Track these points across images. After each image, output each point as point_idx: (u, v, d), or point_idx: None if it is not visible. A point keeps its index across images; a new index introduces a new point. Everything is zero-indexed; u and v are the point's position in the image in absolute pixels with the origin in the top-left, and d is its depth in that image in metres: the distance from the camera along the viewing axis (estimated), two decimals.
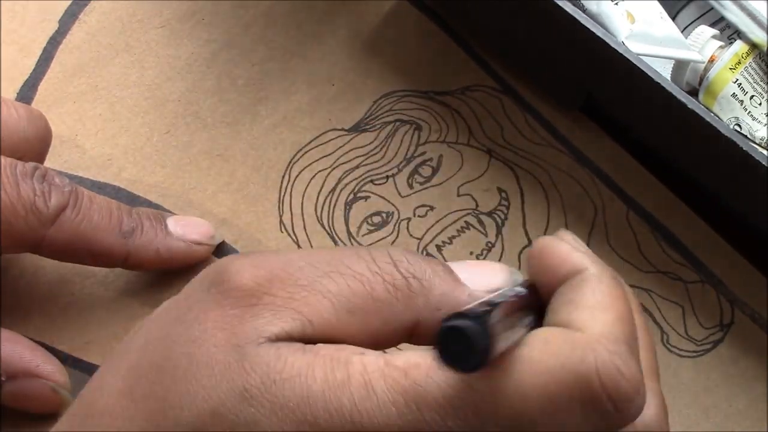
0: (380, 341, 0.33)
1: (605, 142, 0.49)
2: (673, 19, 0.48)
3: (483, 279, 0.35)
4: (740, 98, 0.46)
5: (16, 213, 0.39)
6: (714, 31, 0.47)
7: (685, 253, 0.47)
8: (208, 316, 0.32)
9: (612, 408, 0.30)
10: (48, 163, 0.44)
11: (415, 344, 0.34)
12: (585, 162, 0.48)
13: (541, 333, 0.31)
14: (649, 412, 0.33)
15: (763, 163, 0.41)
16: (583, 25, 0.43)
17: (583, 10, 0.45)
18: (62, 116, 0.48)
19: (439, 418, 0.30)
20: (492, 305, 0.29)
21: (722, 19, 0.48)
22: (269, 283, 0.32)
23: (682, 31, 0.47)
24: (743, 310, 0.47)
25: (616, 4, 0.45)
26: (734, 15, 0.46)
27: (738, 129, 0.46)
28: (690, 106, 0.42)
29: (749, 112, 0.46)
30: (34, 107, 0.46)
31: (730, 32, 0.48)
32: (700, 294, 0.47)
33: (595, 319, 0.32)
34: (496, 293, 0.32)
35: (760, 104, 0.46)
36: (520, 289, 0.33)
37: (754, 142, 0.45)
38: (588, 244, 0.47)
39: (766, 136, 0.45)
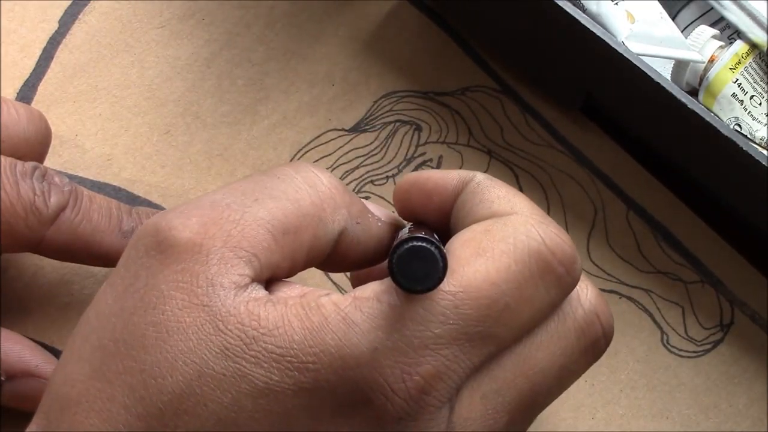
0: (312, 256, 0.34)
1: (605, 142, 0.49)
2: (673, 19, 0.48)
3: (378, 211, 0.37)
4: (740, 98, 0.46)
5: (15, 213, 0.39)
6: (714, 31, 0.47)
7: (685, 253, 0.47)
8: (157, 280, 0.32)
9: (563, 271, 0.33)
10: (48, 163, 0.44)
11: (334, 262, 0.36)
12: (585, 162, 0.48)
13: (478, 226, 0.34)
14: (590, 291, 0.35)
15: (763, 163, 0.41)
16: (583, 25, 0.43)
17: (583, 10, 0.45)
18: (62, 116, 0.48)
19: (424, 328, 0.31)
20: (417, 230, 0.31)
21: (722, 19, 0.48)
22: (204, 228, 0.32)
23: (682, 31, 0.47)
24: (743, 310, 0.47)
25: (616, 4, 0.45)
26: (734, 15, 0.46)
27: (738, 129, 0.46)
28: (690, 106, 0.42)
29: (749, 112, 0.46)
30: (34, 107, 0.46)
31: (730, 32, 0.48)
32: (700, 294, 0.47)
33: (515, 204, 0.34)
34: (409, 226, 0.35)
35: (760, 104, 0.46)
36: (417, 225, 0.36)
37: (754, 142, 0.45)
38: (588, 244, 0.47)
39: (766, 136, 0.45)
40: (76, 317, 0.44)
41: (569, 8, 0.43)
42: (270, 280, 0.33)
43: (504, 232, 0.33)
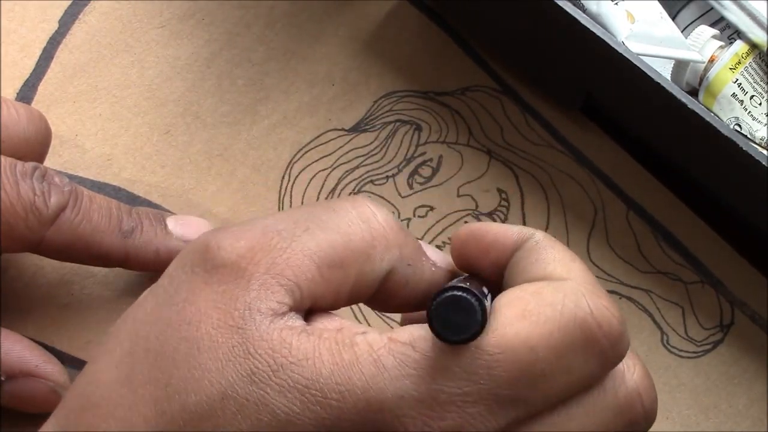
0: (357, 292, 0.34)
1: (605, 142, 0.49)
2: (673, 19, 0.48)
3: (437, 256, 0.37)
4: (740, 98, 0.46)
5: (15, 213, 0.38)
6: (714, 31, 0.47)
7: (685, 253, 0.47)
8: (197, 297, 0.32)
9: (608, 345, 0.32)
10: (48, 163, 0.44)
11: (381, 301, 0.35)
12: (585, 162, 0.48)
13: (528, 288, 0.33)
14: (637, 370, 0.34)
15: (763, 163, 0.41)
16: (583, 25, 0.43)
17: (583, 10, 0.45)
18: (62, 116, 0.48)
19: (453, 384, 0.30)
20: (468, 280, 0.30)
21: (722, 19, 0.48)
22: (251, 252, 0.32)
23: (682, 31, 0.47)
24: (743, 310, 0.47)
25: (616, 4, 0.45)
26: (734, 15, 0.46)
27: (738, 129, 0.46)
28: (690, 106, 0.42)
29: (749, 112, 0.46)
30: (34, 107, 0.46)
31: (730, 32, 0.48)
32: (700, 294, 0.47)
33: (571, 269, 0.34)
34: (462, 277, 0.34)
35: (760, 104, 0.46)
36: (476, 279, 0.35)
37: (754, 142, 0.45)
38: (588, 244, 0.47)
39: (766, 136, 0.45)
40: (76, 317, 0.44)
41: (569, 8, 0.43)
42: (311, 311, 0.33)
43: (554, 297, 0.32)
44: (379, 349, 0.31)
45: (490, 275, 0.36)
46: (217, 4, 0.50)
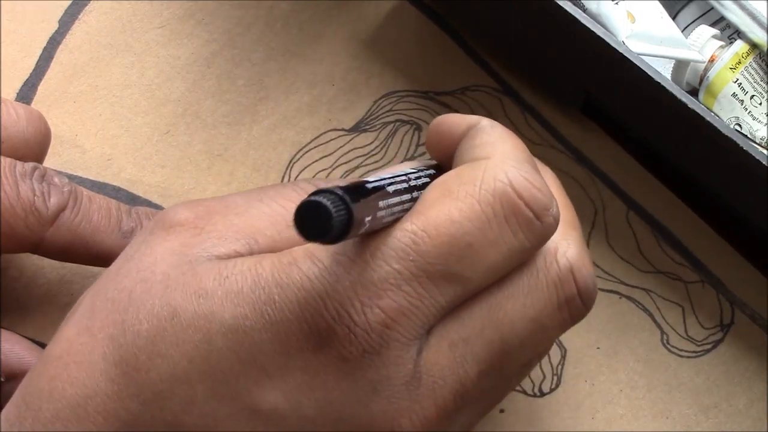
0: None
1: (605, 142, 0.49)
2: (673, 19, 0.48)
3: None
4: (740, 98, 0.46)
5: (15, 213, 0.39)
6: (714, 31, 0.47)
7: (685, 253, 0.47)
8: (153, 249, 0.34)
9: (533, 215, 0.33)
10: (48, 163, 0.44)
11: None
12: (585, 162, 0.48)
13: (452, 171, 0.34)
14: (571, 249, 0.35)
15: (764, 162, 0.41)
16: (584, 25, 0.43)
17: (584, 9, 0.45)
18: (62, 116, 0.48)
19: (383, 263, 0.31)
20: (360, 182, 0.31)
21: (722, 18, 0.48)
22: (208, 215, 0.34)
23: (682, 31, 0.47)
24: (743, 310, 0.47)
25: (617, 3, 0.45)
26: (734, 15, 0.46)
27: (738, 129, 0.46)
28: (690, 105, 0.42)
29: (749, 111, 0.46)
30: (34, 107, 0.46)
31: (730, 32, 0.48)
32: (700, 294, 0.47)
33: (496, 148, 0.34)
34: (378, 173, 0.35)
35: (761, 104, 0.46)
36: (422, 170, 0.36)
37: (755, 142, 0.45)
38: (588, 244, 0.47)
39: (766, 136, 0.45)
40: None
41: (569, 8, 0.43)
42: None
43: (473, 174, 0.33)
44: (314, 249, 0.32)
45: (446, 164, 0.37)
46: (217, 4, 0.50)
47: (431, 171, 0.37)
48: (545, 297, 0.34)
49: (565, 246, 0.35)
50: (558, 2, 0.43)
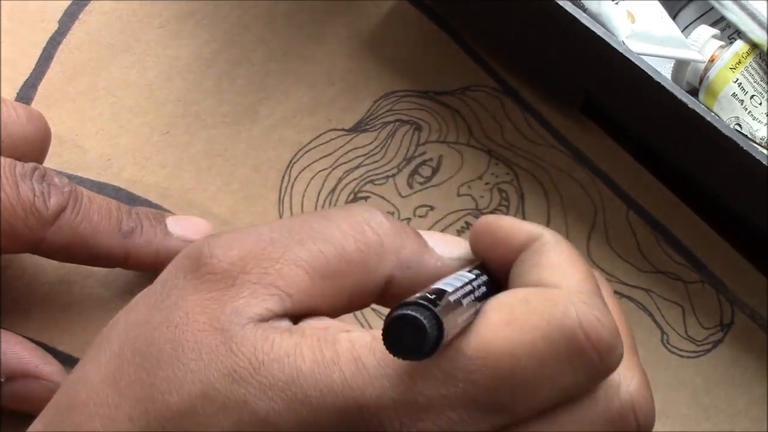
0: (355, 301, 0.34)
1: (605, 142, 0.49)
2: (674, 18, 0.48)
3: (447, 248, 0.36)
4: (740, 98, 0.46)
5: (15, 214, 0.38)
6: (714, 31, 0.47)
7: (685, 253, 0.47)
8: (187, 301, 0.32)
9: (597, 358, 0.31)
10: (48, 163, 0.44)
11: (387, 303, 0.34)
12: (585, 162, 0.48)
13: (519, 294, 0.32)
14: (633, 383, 0.33)
15: (764, 162, 0.41)
16: (584, 25, 0.43)
17: (584, 9, 0.45)
18: (62, 116, 0.48)
19: (432, 386, 0.30)
20: (440, 292, 0.30)
21: (722, 18, 0.48)
22: (242, 261, 0.32)
23: (682, 31, 0.47)
24: (743, 310, 0.47)
25: (617, 3, 0.45)
26: (734, 15, 0.46)
27: (738, 128, 0.46)
28: (690, 105, 0.42)
29: (749, 111, 0.46)
30: (34, 107, 0.46)
31: (730, 32, 0.48)
32: (700, 294, 0.47)
33: (566, 276, 0.33)
34: (447, 278, 0.33)
35: (761, 104, 0.46)
36: (480, 276, 0.34)
37: (755, 142, 0.45)
38: (588, 244, 0.47)
39: (766, 136, 0.45)
40: (76, 317, 0.44)
41: (569, 8, 0.43)
42: (305, 316, 0.33)
43: (542, 305, 0.31)
44: (360, 348, 0.30)
45: (499, 270, 0.35)
46: (217, 5, 0.50)
47: (485, 278, 0.35)
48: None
49: (629, 379, 0.33)
50: (558, 2, 0.43)
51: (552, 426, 0.32)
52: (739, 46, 0.46)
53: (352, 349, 0.30)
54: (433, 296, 0.29)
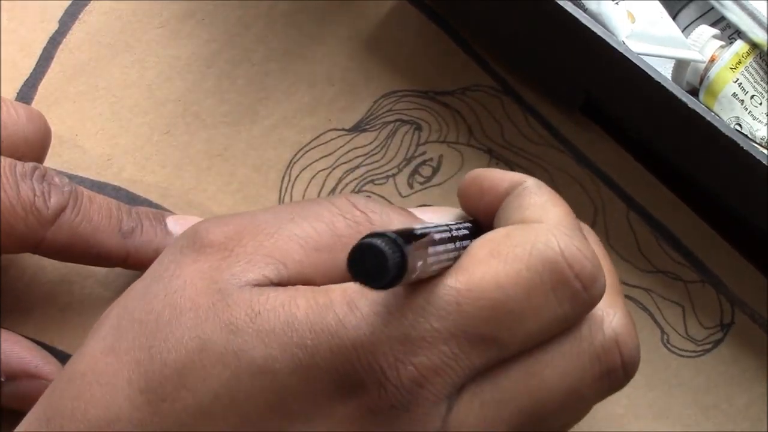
0: (348, 276, 0.34)
1: (605, 142, 0.49)
2: (674, 18, 0.48)
3: (436, 216, 0.38)
4: (741, 98, 0.46)
5: (15, 213, 0.39)
6: (714, 31, 0.47)
7: (685, 253, 0.47)
8: (185, 271, 0.33)
9: (580, 287, 0.32)
10: (48, 163, 0.44)
11: None
12: (585, 162, 0.48)
13: (502, 230, 0.33)
14: (617, 318, 0.34)
15: (764, 162, 0.41)
16: (584, 25, 0.43)
17: (584, 9, 0.45)
18: (62, 116, 0.48)
19: (423, 321, 0.31)
20: (409, 229, 0.30)
21: (723, 18, 0.48)
22: (238, 235, 0.34)
23: (682, 31, 0.47)
24: (743, 310, 0.47)
25: (617, 3, 0.45)
26: (735, 15, 0.46)
27: (739, 128, 0.46)
28: (691, 105, 0.42)
29: (750, 111, 0.46)
30: (34, 107, 0.46)
31: (730, 32, 0.48)
32: (700, 294, 0.47)
33: (548, 213, 0.34)
34: (435, 225, 0.34)
35: (761, 104, 0.46)
36: (462, 223, 0.35)
37: (755, 142, 0.45)
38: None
39: (766, 136, 0.45)
40: (77, 317, 0.45)
41: (569, 8, 0.43)
42: None
43: (524, 238, 0.32)
44: (352, 293, 0.31)
45: (486, 221, 0.37)
46: (217, 4, 0.50)
47: (469, 224, 0.36)
48: (587, 367, 0.33)
49: (612, 314, 0.34)
50: (558, 2, 0.43)
51: (540, 362, 0.33)
52: (740, 46, 0.46)
53: (344, 295, 0.31)
54: (399, 229, 0.29)
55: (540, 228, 0.33)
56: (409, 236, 0.29)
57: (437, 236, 0.32)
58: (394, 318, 0.31)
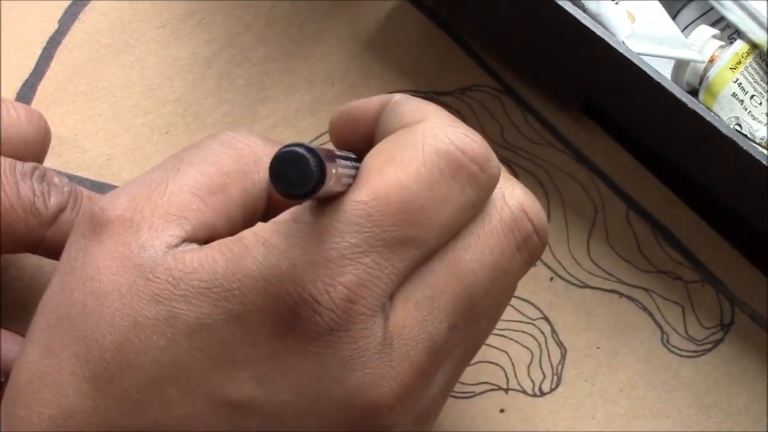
0: (251, 210, 0.35)
1: (605, 142, 0.49)
2: (673, 18, 0.48)
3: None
4: (740, 98, 0.46)
5: (15, 213, 0.39)
6: (714, 31, 0.47)
7: (685, 253, 0.47)
8: (93, 257, 0.33)
9: (477, 169, 0.33)
10: (48, 163, 0.44)
11: (282, 208, 0.36)
12: (585, 162, 0.48)
13: (390, 138, 0.34)
14: (516, 190, 0.35)
15: (764, 162, 0.41)
16: (584, 25, 0.43)
17: (584, 9, 0.45)
18: (62, 116, 0.48)
19: (339, 239, 0.31)
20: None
21: (722, 18, 0.48)
22: (133, 203, 0.34)
23: (682, 31, 0.47)
24: (743, 310, 0.47)
25: (617, 3, 0.45)
26: (734, 15, 0.46)
27: (738, 128, 0.46)
28: (690, 105, 0.42)
29: (749, 111, 0.46)
30: (34, 107, 0.46)
31: (730, 32, 0.48)
32: (700, 294, 0.47)
33: (425, 112, 0.35)
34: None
35: (761, 104, 0.46)
36: (348, 152, 0.35)
37: (755, 142, 0.45)
38: (588, 244, 0.47)
39: (766, 136, 0.45)
40: None
41: (569, 8, 0.43)
42: (209, 241, 0.34)
43: (412, 138, 0.33)
44: (265, 233, 0.32)
45: (364, 149, 0.37)
46: (217, 4, 0.50)
47: (352, 154, 0.37)
48: (502, 240, 0.34)
49: (510, 189, 0.35)
50: (558, 2, 0.43)
51: (460, 248, 0.33)
52: (739, 46, 0.46)
53: (257, 237, 0.32)
54: (310, 145, 0.30)
55: (425, 125, 0.34)
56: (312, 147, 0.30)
57: (337, 152, 0.32)
58: (310, 245, 0.31)
